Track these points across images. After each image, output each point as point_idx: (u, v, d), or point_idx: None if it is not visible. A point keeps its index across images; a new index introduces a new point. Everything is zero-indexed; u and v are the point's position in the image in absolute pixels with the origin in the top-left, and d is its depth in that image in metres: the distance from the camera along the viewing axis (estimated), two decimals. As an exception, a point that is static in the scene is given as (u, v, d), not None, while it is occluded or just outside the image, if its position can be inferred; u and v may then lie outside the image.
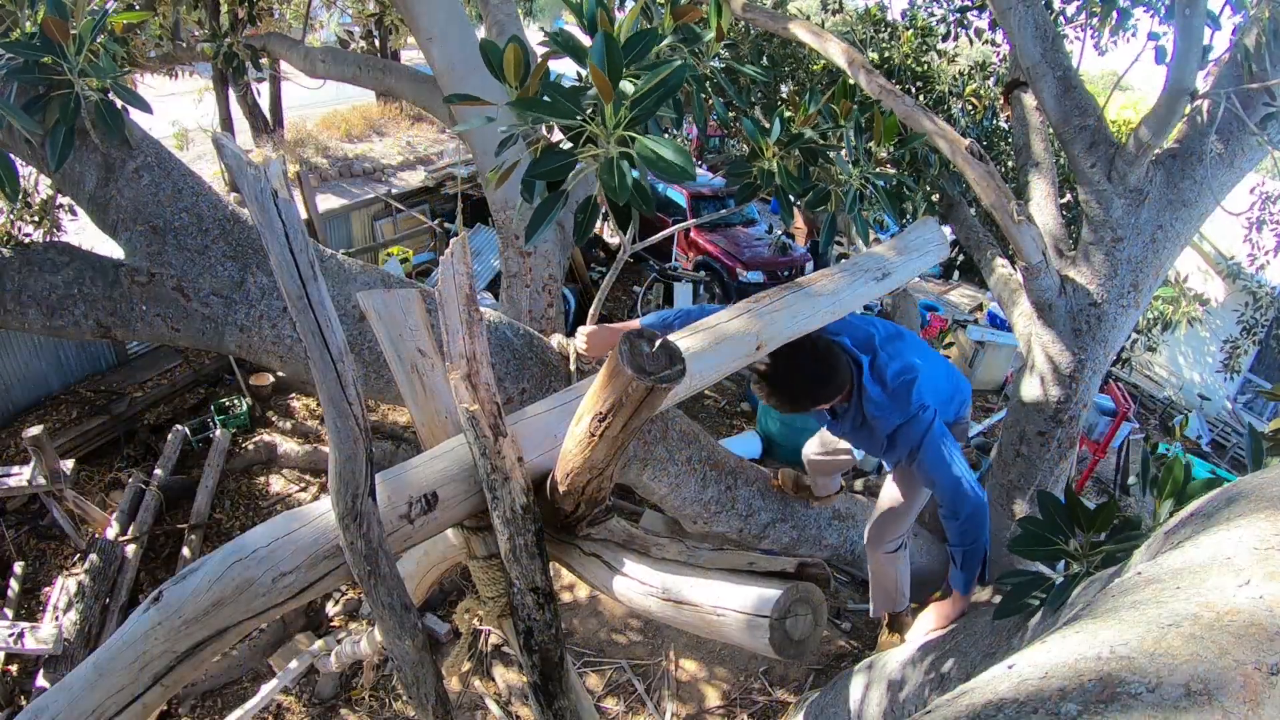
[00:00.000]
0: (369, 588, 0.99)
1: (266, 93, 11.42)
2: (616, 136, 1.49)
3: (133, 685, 0.97)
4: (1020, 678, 0.64)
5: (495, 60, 1.64)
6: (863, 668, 2.76)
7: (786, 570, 0.97)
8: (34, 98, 1.83)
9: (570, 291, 7.98)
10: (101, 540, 4.73)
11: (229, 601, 0.95)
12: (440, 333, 1.14)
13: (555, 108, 1.51)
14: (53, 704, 0.95)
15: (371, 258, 8.48)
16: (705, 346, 1.56)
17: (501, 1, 3.83)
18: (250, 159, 0.75)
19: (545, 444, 1.21)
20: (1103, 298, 3.14)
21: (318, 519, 1.00)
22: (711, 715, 3.99)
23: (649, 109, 1.47)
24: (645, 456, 2.48)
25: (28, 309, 1.97)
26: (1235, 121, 2.97)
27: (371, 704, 4.21)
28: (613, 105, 1.45)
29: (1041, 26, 3.08)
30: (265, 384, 6.56)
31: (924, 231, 2.44)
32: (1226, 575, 0.71)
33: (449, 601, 4.82)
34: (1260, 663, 0.57)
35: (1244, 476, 1.11)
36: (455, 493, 1.11)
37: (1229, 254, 9.36)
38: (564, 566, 1.31)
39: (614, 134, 1.49)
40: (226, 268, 2.04)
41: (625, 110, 1.46)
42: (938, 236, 2.44)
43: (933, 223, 2.53)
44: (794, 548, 3.12)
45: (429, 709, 1.11)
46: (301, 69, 5.36)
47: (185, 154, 10.13)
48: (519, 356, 2.22)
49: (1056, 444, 3.45)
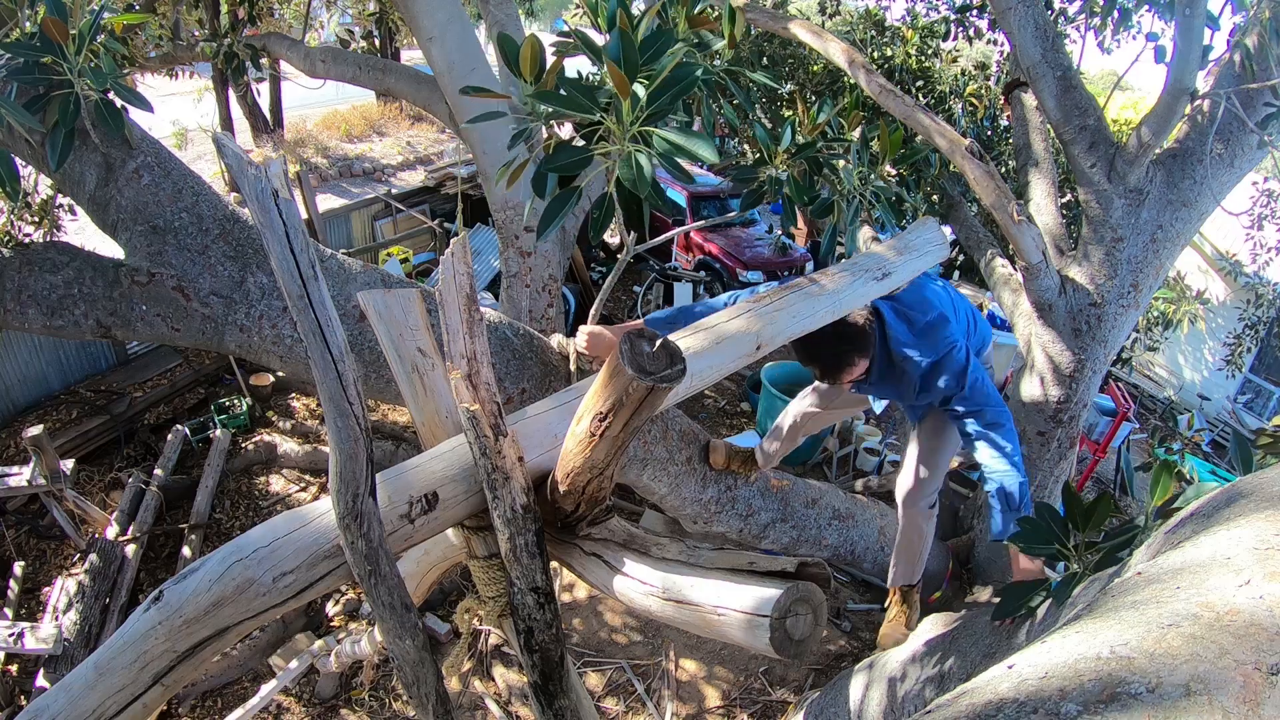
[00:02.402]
0: (369, 588, 0.99)
1: (266, 93, 11.43)
2: (632, 133, 1.49)
3: (133, 685, 0.97)
4: (1020, 678, 0.64)
5: (512, 54, 1.64)
6: (863, 668, 2.76)
7: (786, 570, 0.97)
8: (34, 98, 1.83)
9: (570, 291, 7.98)
10: (101, 540, 4.73)
11: (229, 601, 0.95)
12: (440, 333, 1.14)
13: (572, 101, 1.51)
14: (53, 704, 0.95)
15: (371, 258, 8.48)
16: (705, 346, 1.56)
17: (501, 1, 3.83)
18: (250, 159, 0.75)
19: (545, 444, 1.21)
20: (1103, 298, 3.14)
21: (318, 519, 1.00)
22: (711, 715, 3.99)
23: (665, 105, 1.47)
24: (645, 456, 2.48)
25: (28, 309, 1.97)
26: (1235, 121, 2.97)
27: (371, 704, 4.21)
28: (629, 102, 1.46)
29: (1041, 26, 3.08)
30: (265, 384, 6.56)
31: (924, 231, 2.44)
32: (1226, 575, 0.71)
33: (449, 601, 4.82)
34: (1260, 663, 0.57)
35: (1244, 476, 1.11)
36: (455, 493, 1.11)
37: (1229, 253, 9.36)
38: (564, 566, 1.31)
39: (630, 130, 1.49)
40: (226, 268, 2.04)
41: (641, 107, 1.46)
42: (938, 236, 2.44)
43: (933, 223, 2.53)
44: (794, 548, 3.12)
45: (429, 709, 1.11)
46: (301, 69, 5.35)
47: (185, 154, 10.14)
48: (519, 356, 2.22)
49: (1056, 444, 3.45)
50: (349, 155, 12.11)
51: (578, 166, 1.55)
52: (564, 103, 1.52)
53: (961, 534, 4.18)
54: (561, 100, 1.52)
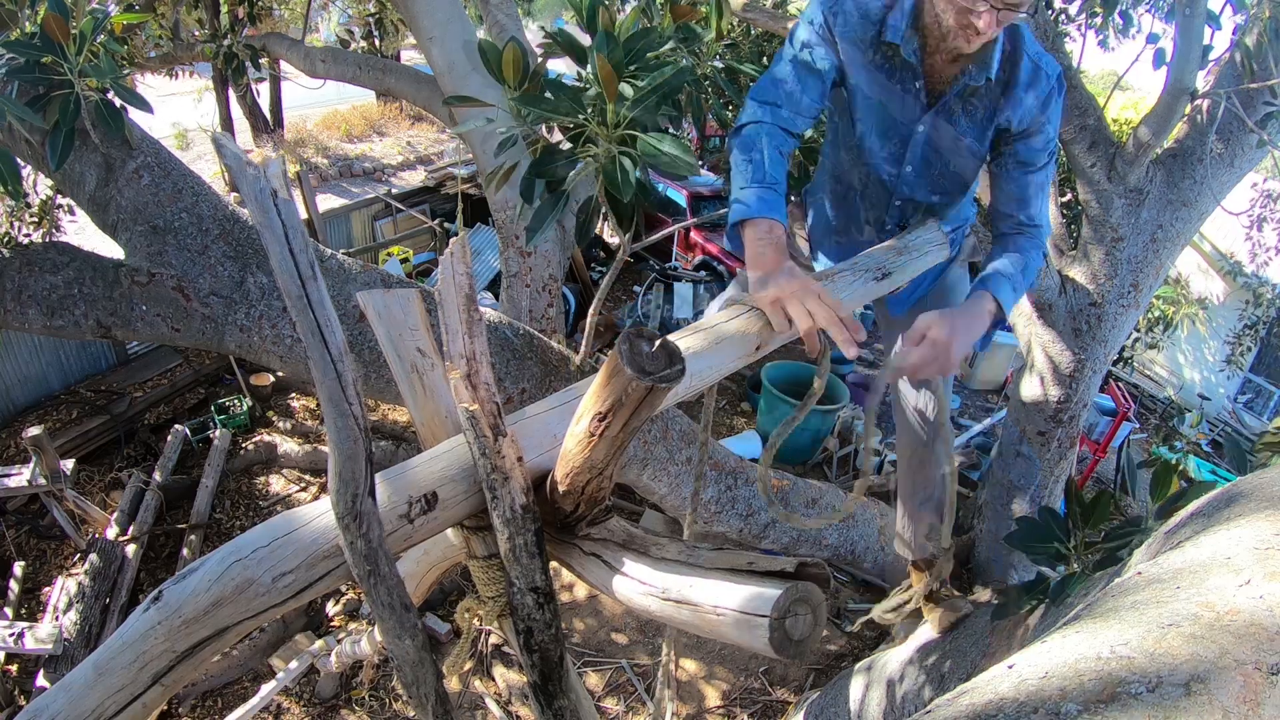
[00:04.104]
0: (369, 588, 0.99)
1: (266, 93, 11.43)
2: (617, 136, 1.49)
3: (132, 685, 0.97)
4: (1020, 678, 0.64)
5: (494, 60, 1.64)
6: (863, 668, 2.76)
7: (786, 570, 0.97)
8: (34, 98, 1.83)
9: (570, 291, 7.97)
10: (102, 540, 4.73)
11: (229, 601, 0.95)
12: (440, 332, 1.14)
13: (557, 105, 1.51)
14: (52, 704, 0.95)
15: (371, 258, 8.48)
16: (705, 346, 1.56)
17: (501, 1, 3.83)
18: (249, 159, 0.75)
19: (545, 444, 1.21)
20: (1103, 297, 3.14)
21: (317, 519, 1.00)
22: (711, 715, 3.99)
23: (650, 109, 1.47)
24: (645, 456, 2.48)
25: (28, 309, 1.97)
26: (1235, 121, 2.97)
27: (371, 704, 4.20)
28: (615, 103, 1.46)
29: (1041, 26, 3.08)
30: (265, 384, 6.56)
31: (924, 232, 2.43)
32: (1226, 575, 0.71)
33: (449, 601, 4.82)
34: (1260, 662, 0.57)
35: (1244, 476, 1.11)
36: (455, 493, 1.11)
37: (1229, 253, 9.36)
38: (564, 566, 1.31)
39: (615, 133, 1.49)
40: (226, 268, 2.04)
41: (626, 110, 1.46)
42: (938, 237, 2.44)
43: (933, 223, 2.53)
44: (794, 547, 3.12)
45: (429, 709, 1.10)
46: (301, 69, 5.36)
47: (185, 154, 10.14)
48: (519, 356, 2.22)
49: (1056, 444, 3.45)
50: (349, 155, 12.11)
51: (564, 170, 1.55)
52: (549, 107, 1.51)
53: (962, 534, 4.18)
54: (546, 104, 1.52)
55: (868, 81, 1.56)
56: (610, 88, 1.42)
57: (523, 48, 1.67)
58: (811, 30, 1.53)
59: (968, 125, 1.58)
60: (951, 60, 1.49)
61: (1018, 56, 1.51)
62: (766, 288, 1.37)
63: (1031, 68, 1.52)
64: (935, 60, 1.51)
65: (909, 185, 1.73)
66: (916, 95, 1.56)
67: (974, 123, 1.58)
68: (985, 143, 1.61)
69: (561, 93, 1.53)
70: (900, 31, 1.47)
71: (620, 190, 1.46)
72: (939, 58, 1.50)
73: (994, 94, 1.54)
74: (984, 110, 1.56)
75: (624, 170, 1.47)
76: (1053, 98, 1.54)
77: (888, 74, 1.55)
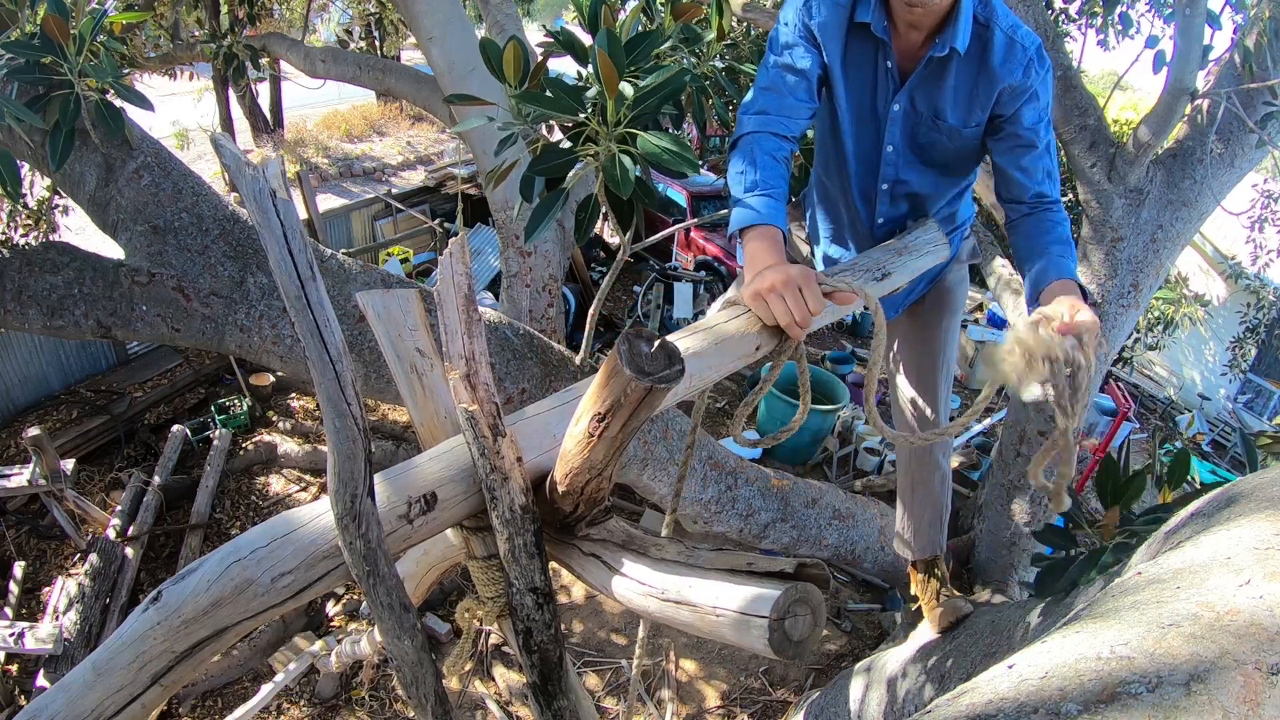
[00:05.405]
0: (368, 588, 0.99)
1: (266, 93, 11.42)
2: (617, 134, 1.49)
3: (131, 685, 0.97)
4: (1020, 678, 0.64)
5: (495, 58, 1.64)
6: (862, 668, 2.76)
7: (786, 570, 0.97)
8: (34, 98, 1.83)
9: (570, 291, 7.97)
10: (102, 540, 4.73)
11: (228, 601, 0.94)
12: (439, 333, 1.14)
13: (558, 103, 1.51)
14: (51, 704, 0.95)
15: (371, 258, 8.48)
16: (705, 346, 1.56)
17: (501, 1, 3.83)
18: (249, 159, 0.75)
19: (544, 444, 1.21)
20: (1103, 297, 3.14)
21: (316, 519, 1.00)
22: (711, 715, 3.99)
23: (651, 108, 1.47)
24: (645, 456, 2.48)
25: (28, 309, 1.97)
26: (1235, 121, 2.97)
27: (371, 704, 4.20)
28: (615, 102, 1.46)
29: (1041, 26, 3.08)
30: (265, 384, 6.56)
31: (924, 233, 2.43)
32: (1226, 575, 0.71)
33: (449, 601, 4.82)
34: (1260, 662, 0.57)
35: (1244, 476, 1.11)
36: (454, 493, 1.11)
37: (1229, 254, 9.36)
38: (563, 567, 1.31)
39: (615, 131, 1.49)
40: (226, 268, 2.04)
41: (626, 108, 1.46)
42: (937, 238, 2.43)
43: (933, 224, 2.53)
44: (794, 548, 3.12)
45: (428, 709, 1.10)
46: (301, 69, 5.36)
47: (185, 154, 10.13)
48: (519, 356, 2.22)
49: (1057, 444, 3.44)
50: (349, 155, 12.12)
51: (564, 169, 1.55)
52: (549, 105, 1.52)
53: (962, 534, 4.18)
54: (547, 102, 1.52)
55: (846, 69, 1.60)
56: (611, 85, 1.42)
57: (523, 46, 1.67)
58: (789, 31, 1.56)
59: (945, 101, 1.60)
60: (913, 30, 1.53)
61: (990, 31, 1.53)
62: (752, 284, 1.39)
63: (1005, 40, 1.53)
64: (902, 38, 1.55)
65: (892, 165, 1.75)
66: (889, 74, 1.59)
67: (953, 100, 1.59)
68: (971, 123, 1.62)
69: (562, 91, 1.53)
70: (869, 7, 1.51)
71: (620, 188, 1.46)
72: (902, 30, 1.53)
73: (969, 70, 1.56)
74: (964, 88, 1.58)
75: (624, 168, 1.47)
76: (1033, 66, 1.54)
77: (863, 58, 1.59)
